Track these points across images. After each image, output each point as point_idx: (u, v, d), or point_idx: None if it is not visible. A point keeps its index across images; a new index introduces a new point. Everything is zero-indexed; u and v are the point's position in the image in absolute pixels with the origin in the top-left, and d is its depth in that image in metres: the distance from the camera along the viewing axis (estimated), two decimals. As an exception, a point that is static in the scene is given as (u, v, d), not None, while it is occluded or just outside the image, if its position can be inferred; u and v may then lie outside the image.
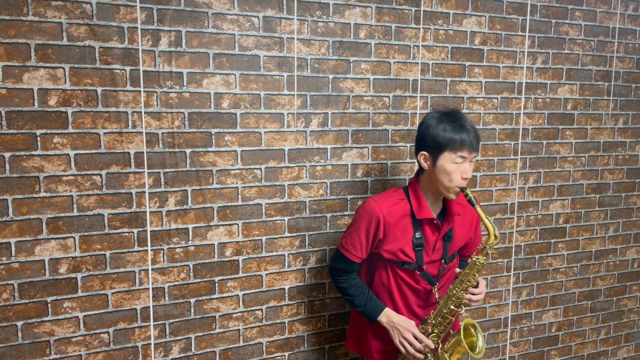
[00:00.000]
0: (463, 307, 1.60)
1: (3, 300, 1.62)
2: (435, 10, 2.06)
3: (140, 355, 1.80)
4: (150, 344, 1.81)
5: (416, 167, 2.12)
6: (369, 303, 1.67)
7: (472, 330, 1.63)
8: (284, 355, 2.02)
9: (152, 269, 1.78)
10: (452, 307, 1.60)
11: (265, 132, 1.87)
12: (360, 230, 1.64)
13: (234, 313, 1.91)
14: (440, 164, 1.56)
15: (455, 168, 1.54)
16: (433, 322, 1.63)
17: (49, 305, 1.67)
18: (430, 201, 1.66)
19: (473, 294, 1.60)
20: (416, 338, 1.61)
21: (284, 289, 1.98)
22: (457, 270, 1.65)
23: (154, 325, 1.80)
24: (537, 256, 2.43)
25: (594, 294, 2.60)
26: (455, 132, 1.54)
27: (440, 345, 1.64)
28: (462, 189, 1.56)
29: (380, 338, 1.73)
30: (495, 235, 1.53)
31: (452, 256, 1.72)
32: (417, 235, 1.63)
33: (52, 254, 1.65)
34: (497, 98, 2.23)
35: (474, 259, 1.56)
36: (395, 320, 1.63)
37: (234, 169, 1.84)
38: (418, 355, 1.62)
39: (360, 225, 1.64)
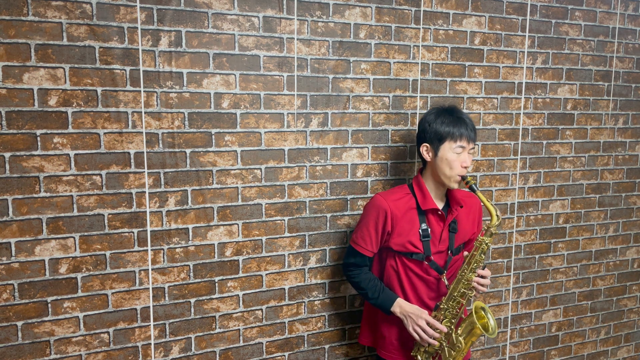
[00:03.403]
0: (473, 290, 1.65)
1: (3, 300, 1.62)
2: (435, 10, 2.06)
3: (140, 355, 1.80)
4: (150, 344, 1.81)
5: (416, 167, 2.12)
6: (381, 295, 1.73)
7: (482, 312, 1.67)
8: (284, 355, 2.02)
9: (152, 269, 1.78)
10: (462, 290, 1.65)
11: (265, 132, 1.87)
12: (369, 224, 1.72)
13: (234, 313, 1.91)
14: (441, 154, 1.68)
15: (456, 157, 1.66)
16: (445, 306, 1.67)
17: (49, 305, 1.67)
18: (433, 194, 1.74)
19: (481, 276, 1.66)
20: (429, 324, 1.65)
21: (284, 289, 1.98)
22: (465, 253, 1.73)
23: (154, 325, 1.80)
24: (537, 256, 2.43)
25: (594, 294, 2.60)
26: (453, 125, 1.67)
27: (454, 330, 1.67)
28: (464, 177, 1.66)
29: (395, 328, 1.77)
30: (497, 216, 1.62)
31: (457, 248, 1.77)
32: (424, 226, 1.71)
33: (52, 254, 1.65)
34: (497, 98, 2.23)
35: (479, 239, 1.64)
36: (407, 309, 1.68)
37: (234, 169, 1.84)
38: (432, 341, 1.65)
39: (369, 219, 1.73)
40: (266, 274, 1.94)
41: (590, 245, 2.54)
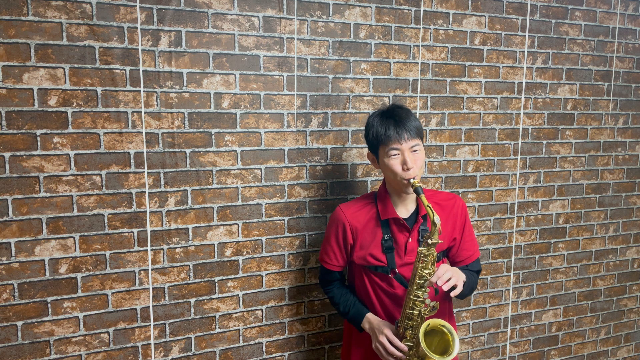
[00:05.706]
0: (429, 306, 1.47)
1: (3, 300, 1.62)
2: (435, 10, 2.06)
3: (140, 355, 1.80)
4: (150, 344, 1.81)
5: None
6: (352, 309, 1.65)
7: (444, 329, 1.49)
8: (284, 355, 2.02)
9: (152, 269, 1.78)
10: (417, 309, 1.48)
11: (265, 132, 1.87)
12: (331, 238, 1.65)
13: (234, 313, 1.91)
14: (382, 161, 1.55)
15: (395, 161, 1.50)
16: (404, 325, 1.51)
17: (49, 305, 1.67)
18: (398, 202, 1.60)
19: (437, 276, 1.43)
20: (390, 341, 1.51)
21: (284, 289, 1.98)
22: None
23: (154, 325, 1.80)
24: (537, 256, 2.43)
25: (594, 294, 2.60)
26: (381, 127, 1.52)
27: (414, 350, 1.51)
28: (409, 180, 1.49)
29: (362, 348, 1.68)
30: (434, 223, 1.41)
31: None
32: (386, 237, 1.57)
33: (52, 254, 1.65)
34: (497, 98, 2.23)
35: (418, 251, 1.46)
36: (374, 324, 1.57)
37: (234, 169, 1.84)
38: None
39: (330, 234, 1.66)
40: (266, 274, 1.94)
41: (590, 245, 2.54)
